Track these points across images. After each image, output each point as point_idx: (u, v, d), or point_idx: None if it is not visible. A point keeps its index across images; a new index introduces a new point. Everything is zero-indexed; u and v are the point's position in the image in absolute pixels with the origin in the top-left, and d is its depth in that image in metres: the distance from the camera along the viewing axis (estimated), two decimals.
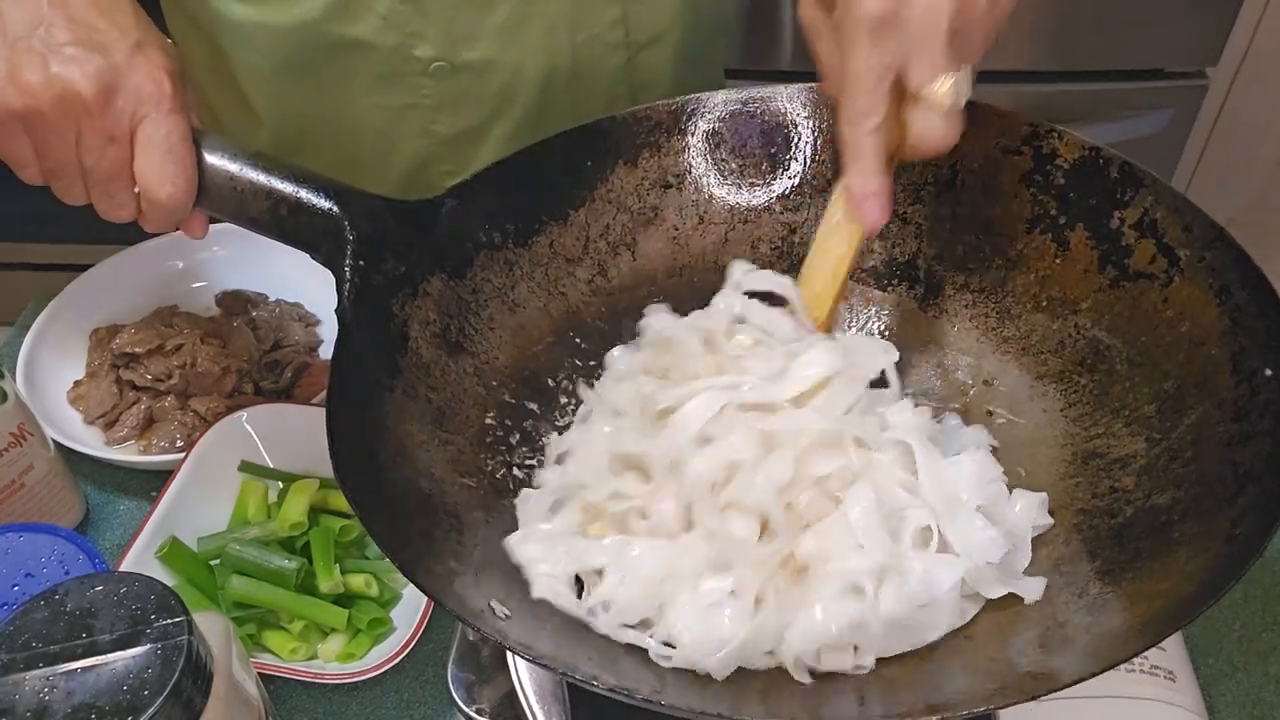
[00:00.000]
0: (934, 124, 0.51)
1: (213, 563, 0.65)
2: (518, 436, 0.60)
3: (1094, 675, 0.42)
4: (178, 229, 0.59)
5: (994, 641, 0.49)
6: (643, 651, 0.49)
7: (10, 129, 0.53)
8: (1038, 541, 0.53)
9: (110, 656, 0.41)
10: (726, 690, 0.47)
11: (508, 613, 0.48)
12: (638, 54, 0.75)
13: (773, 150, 0.65)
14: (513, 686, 0.55)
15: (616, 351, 0.62)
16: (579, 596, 0.51)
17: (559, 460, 0.58)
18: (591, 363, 0.64)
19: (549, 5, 0.71)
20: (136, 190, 0.55)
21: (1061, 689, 0.42)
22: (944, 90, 0.50)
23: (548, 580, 0.51)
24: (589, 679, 0.43)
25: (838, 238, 0.56)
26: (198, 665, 0.42)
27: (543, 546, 0.52)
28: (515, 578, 0.52)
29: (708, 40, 0.80)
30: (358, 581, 0.63)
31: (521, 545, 0.53)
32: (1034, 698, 0.42)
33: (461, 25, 0.70)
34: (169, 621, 0.42)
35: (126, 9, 0.55)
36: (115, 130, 0.53)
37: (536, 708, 0.54)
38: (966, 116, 0.53)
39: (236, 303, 0.82)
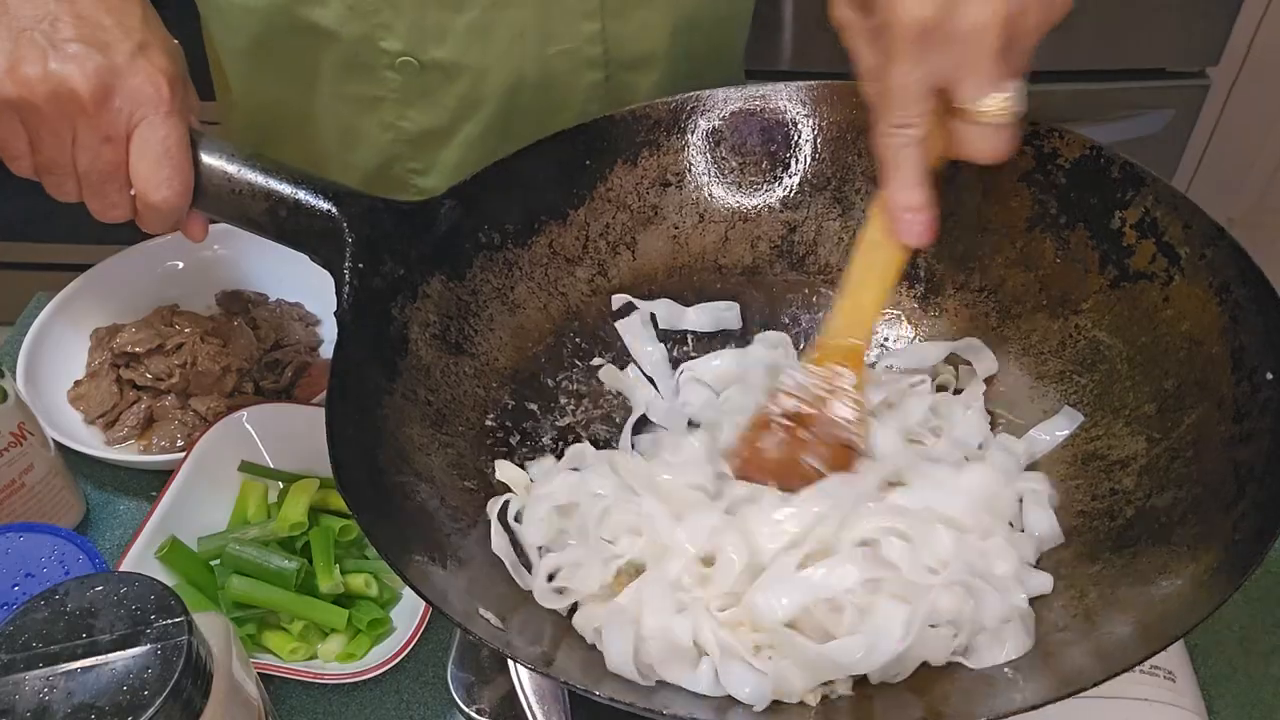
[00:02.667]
0: (985, 139, 0.48)
1: (213, 563, 0.65)
2: (517, 438, 0.60)
3: (1098, 684, 0.41)
4: (177, 229, 0.59)
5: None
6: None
7: (5, 119, 0.53)
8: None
9: (110, 656, 0.41)
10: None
11: (501, 621, 0.48)
12: (618, 74, 0.74)
13: (773, 149, 0.65)
14: (512, 686, 0.55)
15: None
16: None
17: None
18: (592, 362, 0.64)
19: (517, 12, 0.70)
20: (132, 193, 0.55)
21: (1066, 698, 0.41)
22: (995, 107, 0.47)
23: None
24: (588, 689, 0.43)
25: (879, 253, 0.53)
26: (198, 665, 0.42)
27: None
28: (513, 584, 0.52)
29: (707, 69, 0.78)
30: (358, 581, 0.63)
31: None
32: (1036, 707, 0.42)
33: (430, 21, 0.70)
34: (169, 621, 0.42)
35: (135, 9, 0.55)
36: (111, 131, 0.53)
37: (536, 708, 0.54)
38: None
39: (236, 303, 0.82)
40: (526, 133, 0.63)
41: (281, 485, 0.69)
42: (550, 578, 0.52)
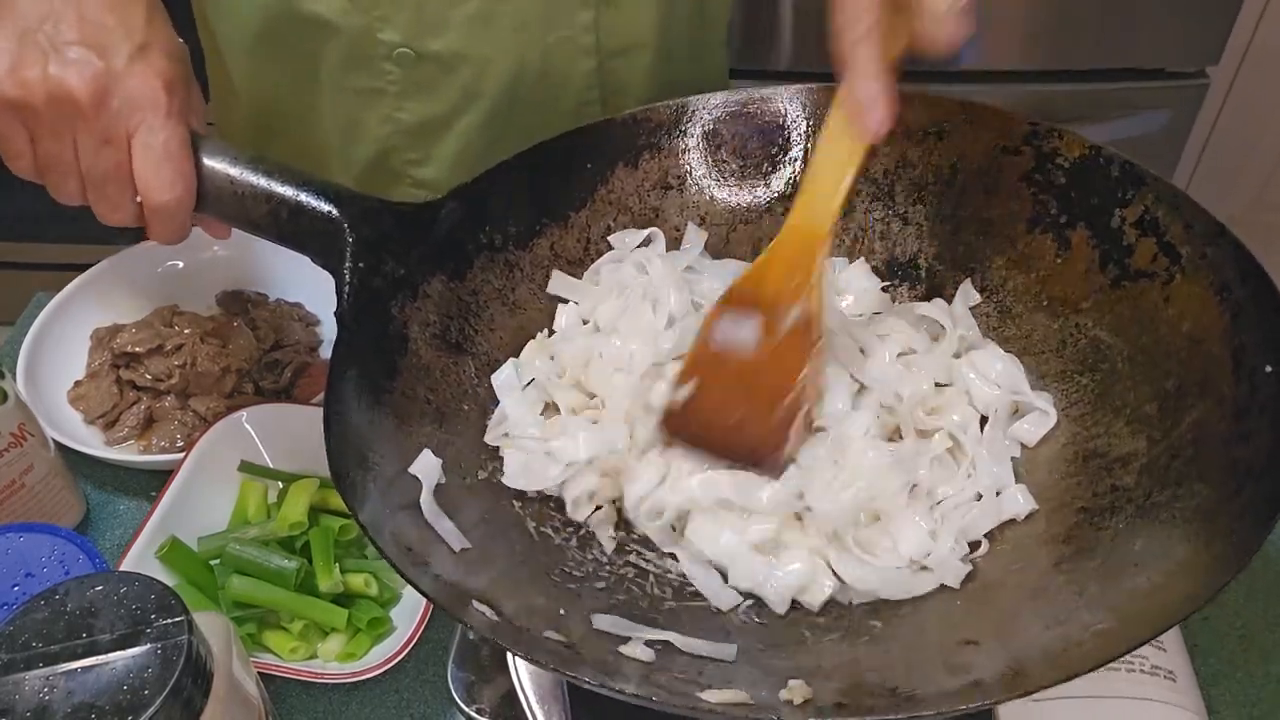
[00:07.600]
0: (937, 27, 0.49)
1: (213, 563, 0.65)
2: None
3: (1090, 671, 0.42)
4: (185, 240, 0.59)
5: (992, 639, 0.49)
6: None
7: (5, 118, 0.53)
8: (1038, 545, 0.53)
9: (110, 656, 0.41)
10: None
11: (496, 613, 0.48)
12: (608, 61, 0.75)
13: (773, 151, 0.65)
14: (513, 686, 0.55)
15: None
16: None
17: None
18: None
19: (519, 1, 0.70)
20: (138, 199, 0.55)
21: (1057, 684, 0.42)
22: None
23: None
24: (581, 677, 0.43)
25: (840, 146, 0.54)
26: (198, 665, 0.42)
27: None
28: (512, 579, 0.52)
29: (690, 58, 0.79)
30: (358, 581, 0.63)
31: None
32: (1030, 693, 0.42)
33: (430, 13, 0.70)
34: (169, 621, 0.42)
35: (139, 9, 0.55)
36: (110, 133, 0.54)
37: (536, 708, 0.54)
38: (967, 116, 0.52)
39: (236, 303, 0.82)
40: (526, 121, 0.63)
41: (281, 485, 0.69)
42: None
